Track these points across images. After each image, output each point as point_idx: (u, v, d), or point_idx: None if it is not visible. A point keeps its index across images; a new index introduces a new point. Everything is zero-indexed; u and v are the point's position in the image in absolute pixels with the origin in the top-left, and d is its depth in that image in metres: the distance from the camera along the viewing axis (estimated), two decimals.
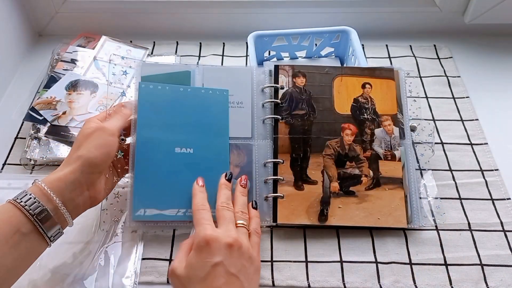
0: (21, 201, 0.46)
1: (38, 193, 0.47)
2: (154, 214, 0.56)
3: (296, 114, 0.62)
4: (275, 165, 0.60)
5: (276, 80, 0.64)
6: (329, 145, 0.61)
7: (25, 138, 0.68)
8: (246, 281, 0.46)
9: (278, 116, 0.62)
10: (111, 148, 0.53)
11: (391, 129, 0.62)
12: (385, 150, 0.62)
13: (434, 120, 0.73)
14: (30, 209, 0.45)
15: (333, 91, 0.63)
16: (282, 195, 0.59)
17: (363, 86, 0.64)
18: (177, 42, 0.86)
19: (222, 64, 0.82)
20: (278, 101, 0.62)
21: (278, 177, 0.60)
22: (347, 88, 0.64)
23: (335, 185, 0.60)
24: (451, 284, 0.55)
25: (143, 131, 0.57)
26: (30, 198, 0.46)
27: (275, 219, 0.58)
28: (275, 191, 0.59)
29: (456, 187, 0.64)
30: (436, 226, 0.60)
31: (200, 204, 0.52)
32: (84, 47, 0.81)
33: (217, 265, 0.45)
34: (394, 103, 0.63)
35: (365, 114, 0.63)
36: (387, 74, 0.65)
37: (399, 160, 0.61)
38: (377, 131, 0.62)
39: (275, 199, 0.59)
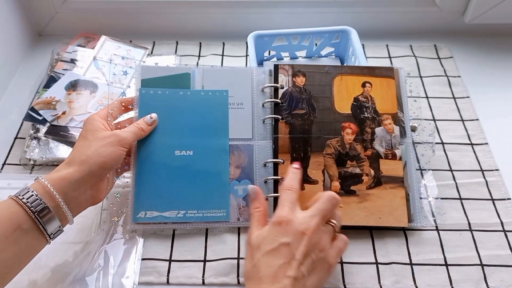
0: (23, 198, 0.46)
1: (40, 190, 0.47)
2: (155, 216, 0.57)
3: (296, 113, 0.62)
4: (276, 165, 0.60)
5: (276, 80, 0.64)
6: (329, 144, 0.61)
7: (24, 138, 0.68)
8: (307, 273, 0.46)
9: (278, 116, 0.62)
10: (121, 158, 0.53)
11: (391, 128, 0.62)
12: (385, 149, 0.61)
13: (434, 120, 0.73)
14: (32, 206, 0.45)
15: (333, 90, 0.63)
16: None
17: (363, 85, 0.64)
18: (177, 42, 0.86)
19: (222, 64, 0.82)
20: (278, 100, 0.62)
21: (279, 177, 0.60)
22: (347, 87, 0.64)
23: (336, 185, 0.60)
24: (451, 284, 0.55)
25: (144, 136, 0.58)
26: (32, 195, 0.46)
27: None
28: (275, 191, 0.59)
29: (457, 187, 0.64)
30: (436, 226, 0.60)
31: (288, 184, 0.53)
32: (84, 47, 0.81)
33: (284, 245, 0.46)
34: (394, 102, 0.63)
35: (366, 113, 0.63)
36: (387, 73, 0.65)
37: (400, 159, 0.61)
38: (378, 130, 0.62)
39: (276, 199, 0.59)
